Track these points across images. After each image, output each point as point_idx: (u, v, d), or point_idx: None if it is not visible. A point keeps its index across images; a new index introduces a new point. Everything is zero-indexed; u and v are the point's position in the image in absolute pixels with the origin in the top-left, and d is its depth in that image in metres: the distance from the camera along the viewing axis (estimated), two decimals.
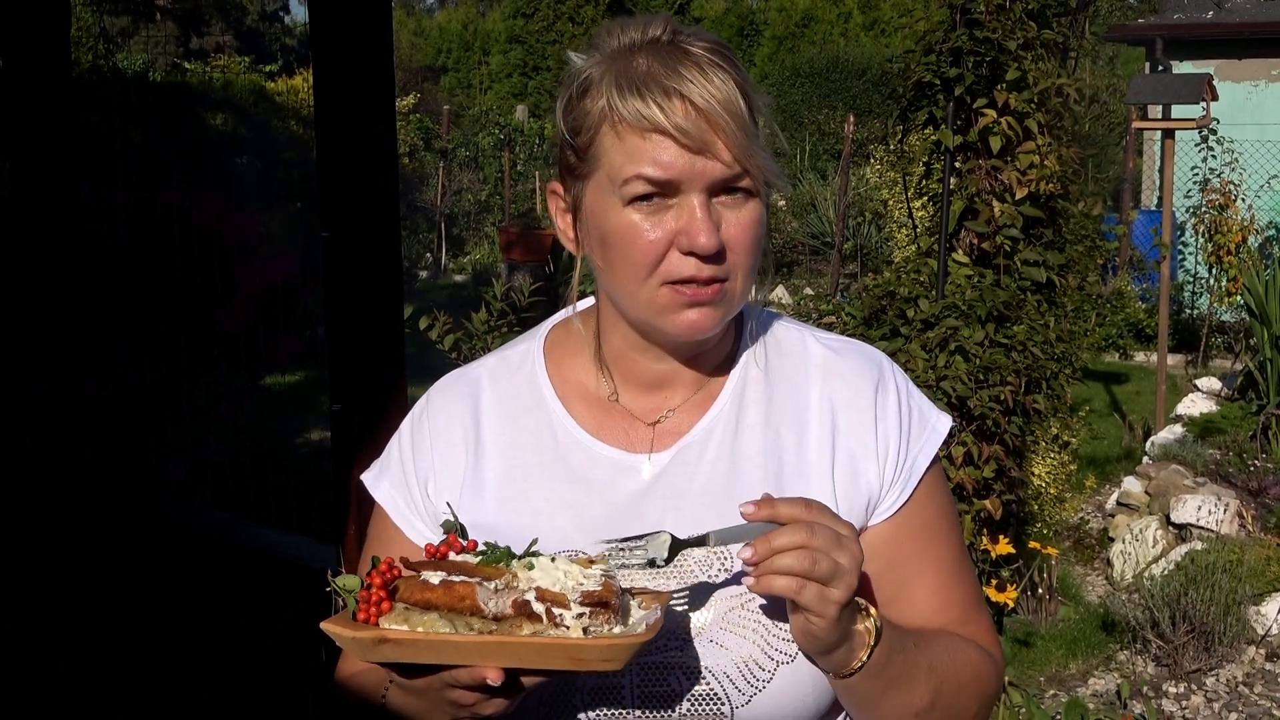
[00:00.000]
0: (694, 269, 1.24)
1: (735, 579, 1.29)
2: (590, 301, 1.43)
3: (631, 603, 1.20)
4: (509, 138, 16.69)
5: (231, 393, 5.28)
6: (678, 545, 1.22)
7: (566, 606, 1.13)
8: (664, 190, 1.24)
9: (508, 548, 1.19)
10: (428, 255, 16.88)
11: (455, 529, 1.25)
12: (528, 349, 1.45)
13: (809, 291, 12.32)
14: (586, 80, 1.27)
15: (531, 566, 1.16)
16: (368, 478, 1.46)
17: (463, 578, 1.16)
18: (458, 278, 15.82)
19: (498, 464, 1.38)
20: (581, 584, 1.14)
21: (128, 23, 27.18)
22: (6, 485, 4.35)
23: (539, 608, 1.13)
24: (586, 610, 1.13)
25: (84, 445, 4.52)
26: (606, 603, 1.14)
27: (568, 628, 1.13)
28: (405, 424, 1.46)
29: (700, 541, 1.21)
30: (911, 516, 1.36)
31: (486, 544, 1.21)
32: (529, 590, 1.14)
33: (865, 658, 1.22)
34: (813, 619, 1.18)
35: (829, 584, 1.16)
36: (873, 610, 1.24)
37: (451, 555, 1.21)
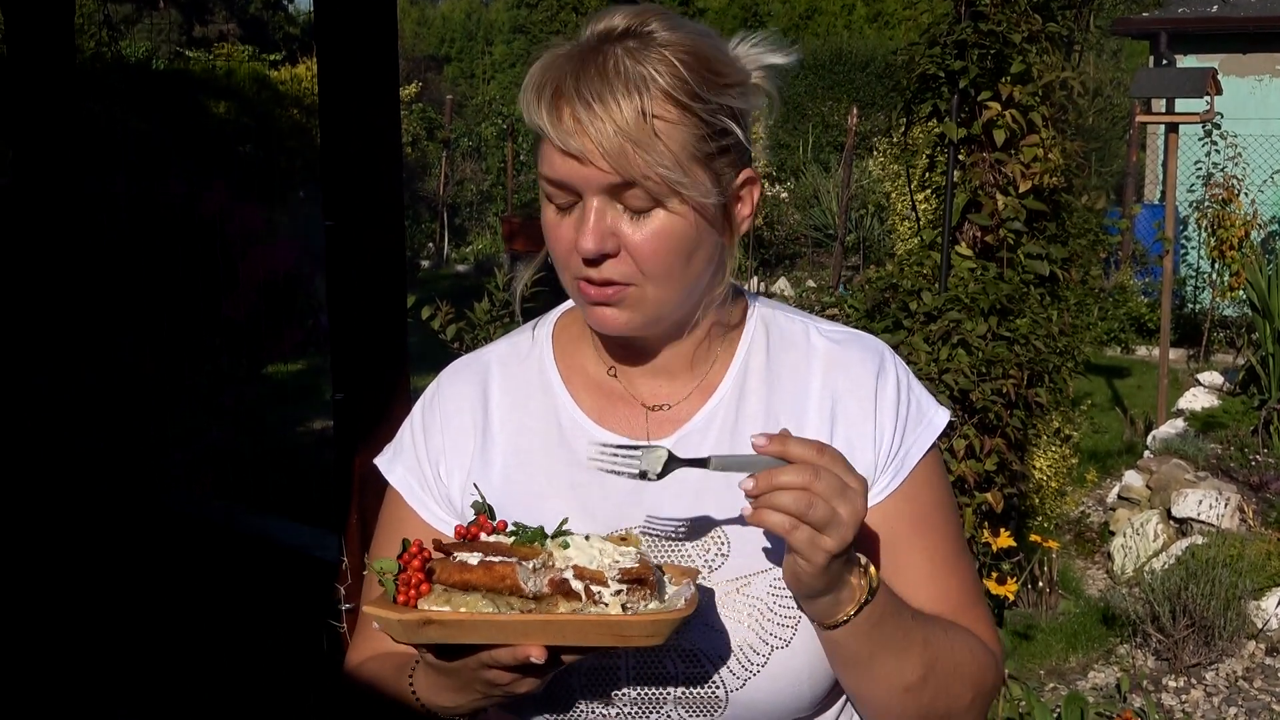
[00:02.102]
0: (586, 270, 1.27)
1: (731, 562, 1.31)
2: None
3: (664, 578, 1.21)
4: (512, 128, 16.66)
5: (233, 381, 5.28)
6: (674, 463, 1.23)
7: (605, 584, 1.14)
8: (562, 189, 1.26)
9: (540, 528, 1.20)
10: (430, 245, 16.89)
11: (485, 510, 1.26)
12: (537, 334, 1.47)
13: (811, 284, 12.33)
14: (527, 72, 1.29)
15: (567, 545, 1.17)
16: (381, 461, 1.47)
17: (501, 558, 1.17)
18: (460, 267, 15.82)
19: (504, 447, 1.40)
20: (618, 561, 1.16)
21: (131, 10, 27.13)
22: (8, 475, 4.35)
23: (578, 586, 1.14)
24: (624, 587, 1.14)
25: (85, 434, 4.52)
26: (644, 579, 1.15)
27: (606, 605, 1.14)
28: (417, 408, 1.48)
29: (700, 463, 1.21)
30: (903, 504, 1.36)
31: (517, 524, 1.22)
32: (567, 569, 1.15)
33: (853, 612, 1.22)
34: (801, 562, 1.18)
35: (823, 530, 1.15)
36: (874, 570, 1.23)
37: (482, 536, 1.21)
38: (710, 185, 1.26)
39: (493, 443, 1.40)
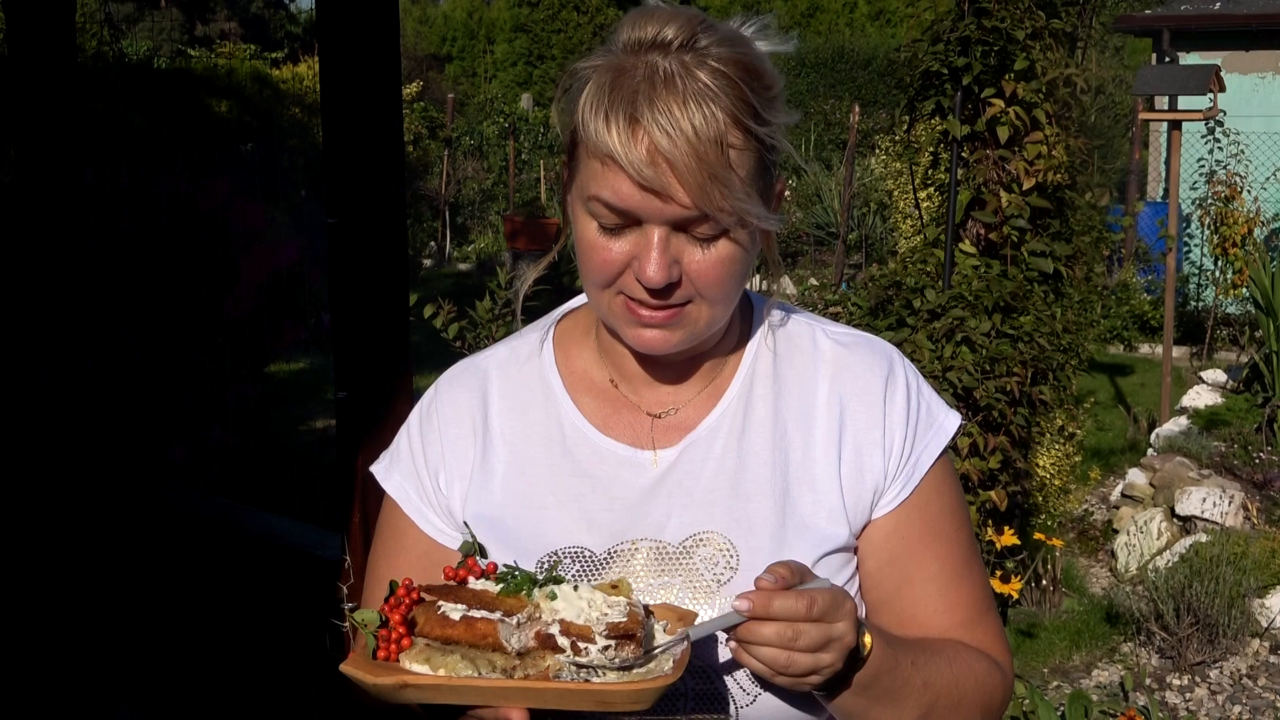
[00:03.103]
0: (645, 294, 1.23)
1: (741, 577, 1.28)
2: None
3: (656, 626, 1.18)
4: (513, 126, 16.68)
5: (236, 379, 5.27)
6: (650, 654, 1.17)
7: (592, 640, 1.11)
8: (624, 216, 1.21)
9: (530, 575, 1.17)
10: (432, 244, 16.89)
11: (474, 551, 1.23)
12: (537, 339, 1.43)
13: (814, 282, 12.30)
14: (578, 81, 1.23)
15: (554, 596, 1.14)
16: (378, 469, 1.44)
17: (483, 613, 1.14)
18: (462, 266, 15.83)
19: (505, 456, 1.36)
20: (606, 614, 1.12)
21: (132, 9, 27.15)
22: (10, 468, 4.35)
23: (564, 642, 1.11)
24: (612, 643, 1.11)
25: (87, 430, 4.52)
26: (632, 634, 1.11)
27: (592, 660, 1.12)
28: (414, 415, 1.44)
29: (680, 639, 1.17)
30: (914, 512, 1.34)
31: (506, 567, 1.19)
32: (553, 623, 1.12)
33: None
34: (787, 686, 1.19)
35: (805, 676, 1.16)
36: (867, 636, 1.22)
37: (471, 581, 1.18)
38: (765, 209, 1.23)
39: (493, 452, 1.37)
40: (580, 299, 1.44)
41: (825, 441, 1.33)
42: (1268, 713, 4.46)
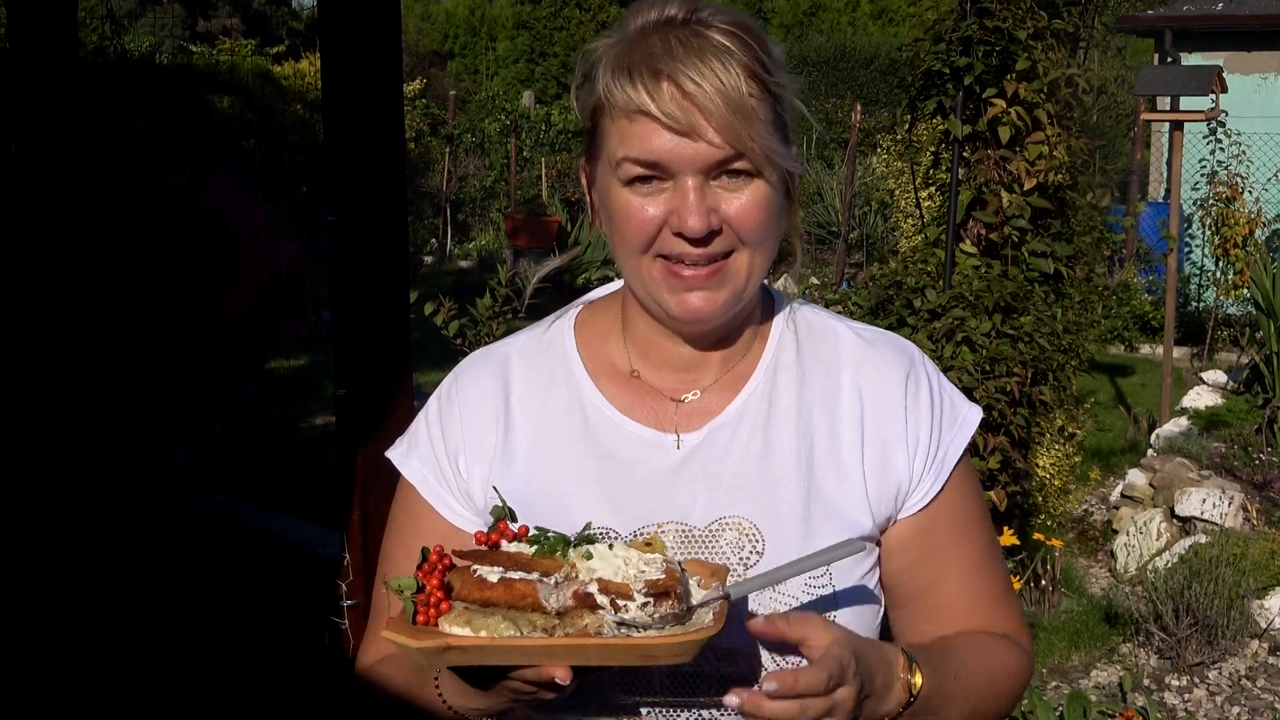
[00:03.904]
0: (686, 247, 1.26)
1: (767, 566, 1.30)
2: (618, 284, 1.45)
3: (691, 581, 1.18)
4: (515, 124, 16.68)
5: (236, 378, 5.27)
6: (691, 609, 1.18)
7: (631, 597, 1.11)
8: (657, 172, 1.25)
9: (562, 535, 1.17)
10: (433, 241, 16.88)
11: (505, 515, 1.23)
12: (559, 327, 1.45)
13: (814, 281, 12.30)
14: (592, 64, 1.29)
15: (590, 556, 1.14)
16: (395, 455, 1.45)
17: (521, 574, 1.14)
18: (463, 264, 15.82)
19: (527, 439, 1.38)
20: (643, 571, 1.13)
21: (134, 5, 27.16)
22: (10, 469, 4.35)
23: (603, 600, 1.11)
24: (651, 599, 1.12)
25: (87, 428, 4.52)
26: (670, 590, 1.12)
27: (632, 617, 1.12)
28: (432, 401, 1.45)
29: (720, 596, 1.17)
30: (943, 508, 1.36)
31: (538, 529, 1.19)
32: (591, 582, 1.12)
33: (898, 710, 1.24)
34: None
35: None
36: (918, 679, 1.24)
37: (503, 545, 1.18)
38: (794, 156, 1.29)
39: (515, 436, 1.38)
40: (600, 291, 1.47)
41: (850, 432, 1.35)
42: (1266, 714, 4.46)
